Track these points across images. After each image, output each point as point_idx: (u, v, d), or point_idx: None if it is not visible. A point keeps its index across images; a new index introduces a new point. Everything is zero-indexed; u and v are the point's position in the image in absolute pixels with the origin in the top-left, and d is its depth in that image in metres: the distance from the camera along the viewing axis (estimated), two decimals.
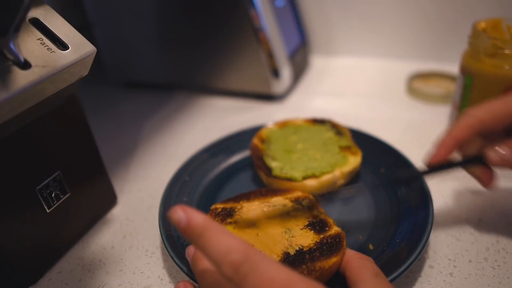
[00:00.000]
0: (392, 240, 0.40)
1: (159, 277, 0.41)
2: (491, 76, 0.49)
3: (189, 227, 0.27)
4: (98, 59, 0.79)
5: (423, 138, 0.59)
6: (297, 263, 0.35)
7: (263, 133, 0.55)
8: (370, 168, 0.51)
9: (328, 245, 0.36)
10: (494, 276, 0.38)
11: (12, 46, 0.32)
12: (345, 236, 0.37)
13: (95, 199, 0.47)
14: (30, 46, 0.34)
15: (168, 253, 0.39)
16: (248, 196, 0.44)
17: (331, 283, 0.35)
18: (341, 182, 0.47)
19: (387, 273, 0.35)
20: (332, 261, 0.34)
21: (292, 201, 0.42)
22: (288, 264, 0.35)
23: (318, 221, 0.39)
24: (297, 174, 0.46)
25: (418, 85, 0.72)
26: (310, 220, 0.40)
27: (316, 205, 0.42)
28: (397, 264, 0.36)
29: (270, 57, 0.67)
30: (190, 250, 0.35)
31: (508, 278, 0.38)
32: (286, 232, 0.38)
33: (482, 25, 0.52)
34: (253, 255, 0.26)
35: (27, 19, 0.35)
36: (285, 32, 0.72)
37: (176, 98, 0.76)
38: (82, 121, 0.43)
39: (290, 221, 0.40)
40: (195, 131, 0.66)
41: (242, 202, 0.43)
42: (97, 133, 0.46)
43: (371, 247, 0.40)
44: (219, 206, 0.43)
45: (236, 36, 0.67)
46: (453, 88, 0.68)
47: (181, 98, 0.76)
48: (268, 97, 0.73)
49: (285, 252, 0.36)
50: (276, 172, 0.47)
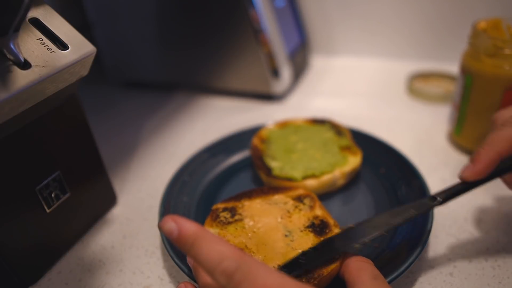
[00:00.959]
0: (392, 240, 0.40)
1: (159, 277, 0.41)
2: (491, 76, 0.49)
3: (180, 237, 0.26)
4: (98, 59, 0.79)
5: (423, 138, 0.59)
6: (295, 270, 0.34)
7: (263, 133, 0.55)
8: (370, 168, 0.51)
9: None
10: (494, 276, 0.38)
11: (12, 46, 0.32)
12: None
13: (95, 199, 0.47)
14: (30, 46, 0.34)
15: (168, 253, 0.39)
16: (249, 194, 0.44)
17: (331, 287, 0.35)
18: (341, 182, 0.47)
19: (387, 273, 0.35)
20: (331, 267, 0.34)
21: (293, 199, 0.42)
22: (286, 271, 0.34)
23: (319, 222, 0.39)
24: (297, 174, 0.46)
25: (418, 85, 0.72)
26: (311, 220, 0.40)
27: (317, 203, 0.42)
28: (397, 264, 0.36)
29: (270, 57, 0.67)
30: (190, 259, 0.35)
31: (508, 278, 0.38)
32: (286, 235, 0.38)
33: (482, 25, 0.52)
34: (246, 262, 0.25)
35: (27, 19, 0.35)
36: (285, 32, 0.72)
37: (176, 98, 0.76)
38: (82, 121, 0.43)
39: (291, 221, 0.40)
40: (195, 131, 0.66)
41: (243, 201, 0.43)
42: (97, 133, 0.46)
43: (376, 246, 0.40)
44: (220, 206, 0.43)
45: (236, 36, 0.67)
46: (453, 88, 0.69)
47: (181, 98, 0.76)
48: (268, 97, 0.73)
49: (284, 258, 0.36)
50: (276, 172, 0.47)
